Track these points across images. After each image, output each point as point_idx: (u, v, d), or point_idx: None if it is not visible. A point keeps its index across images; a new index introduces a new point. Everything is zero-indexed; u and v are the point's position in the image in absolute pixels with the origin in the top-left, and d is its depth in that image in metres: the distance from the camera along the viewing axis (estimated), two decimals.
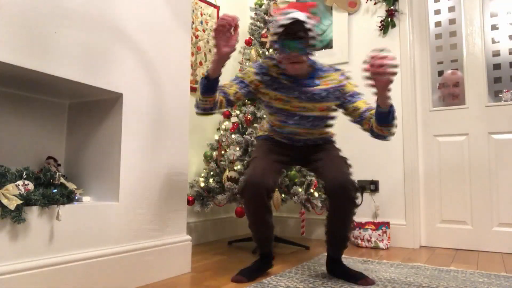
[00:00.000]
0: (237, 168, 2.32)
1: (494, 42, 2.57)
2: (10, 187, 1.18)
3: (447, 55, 2.71)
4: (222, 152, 2.48)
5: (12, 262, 1.18)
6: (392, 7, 2.74)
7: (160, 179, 1.75)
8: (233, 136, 2.44)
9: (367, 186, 2.76)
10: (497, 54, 2.55)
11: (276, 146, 1.80)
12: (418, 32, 2.79)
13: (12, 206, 1.15)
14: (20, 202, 1.18)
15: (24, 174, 1.29)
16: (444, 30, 2.73)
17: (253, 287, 1.55)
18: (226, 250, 2.42)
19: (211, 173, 2.45)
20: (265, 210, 1.64)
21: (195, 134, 2.77)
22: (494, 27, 2.57)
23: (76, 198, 1.44)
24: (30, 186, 1.28)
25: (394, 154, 2.71)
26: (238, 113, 2.55)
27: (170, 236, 1.78)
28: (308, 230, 2.95)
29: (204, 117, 1.72)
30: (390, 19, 2.76)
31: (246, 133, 2.43)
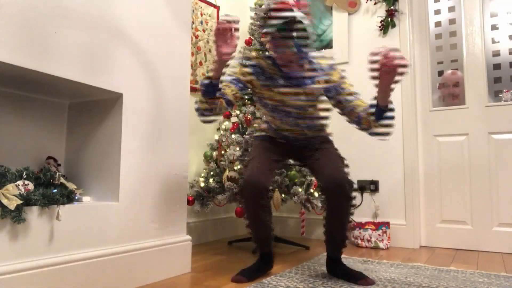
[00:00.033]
0: (237, 168, 2.32)
1: (494, 42, 2.56)
2: (10, 187, 1.18)
3: (447, 55, 2.71)
4: (222, 152, 2.48)
5: (12, 262, 1.18)
6: (392, 7, 2.74)
7: (160, 179, 1.75)
8: (233, 136, 2.44)
9: (367, 186, 2.76)
10: (497, 54, 2.55)
11: (273, 145, 1.81)
12: (418, 32, 2.79)
13: (12, 206, 1.15)
14: (20, 202, 1.18)
15: (24, 174, 1.29)
16: (444, 30, 2.73)
17: (253, 287, 1.55)
18: (226, 250, 2.42)
19: (211, 173, 2.45)
20: (263, 210, 1.64)
21: (195, 134, 2.77)
22: (494, 27, 2.57)
23: (76, 198, 1.44)
24: (30, 186, 1.28)
25: (394, 154, 2.71)
26: (238, 113, 2.55)
27: (170, 236, 1.78)
28: (308, 230, 2.95)
29: (207, 123, 1.72)
30: (390, 19, 2.76)
31: (246, 133, 2.43)
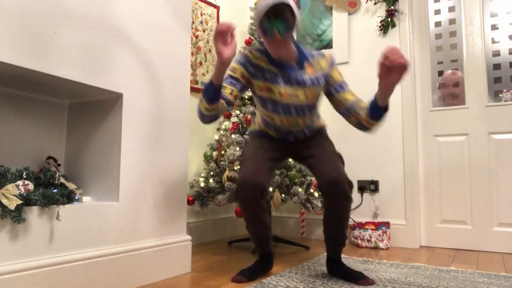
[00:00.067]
0: (237, 168, 2.32)
1: (494, 42, 2.56)
2: (10, 187, 1.18)
3: (447, 55, 2.71)
4: (222, 152, 2.48)
5: (12, 262, 1.18)
6: (392, 7, 2.74)
7: (160, 179, 1.75)
8: (233, 136, 2.44)
9: (367, 186, 2.76)
10: (497, 54, 2.55)
11: (267, 142, 1.80)
12: (418, 32, 2.79)
13: (12, 206, 1.15)
14: (20, 202, 1.18)
15: (24, 174, 1.29)
16: (444, 30, 2.73)
17: (253, 287, 1.55)
18: (226, 250, 2.42)
19: (211, 173, 2.45)
20: (260, 210, 1.63)
21: (195, 134, 2.77)
22: (494, 27, 2.57)
23: (76, 198, 1.44)
24: (30, 186, 1.28)
25: (394, 154, 2.71)
26: (238, 113, 2.55)
27: (170, 236, 1.78)
28: (308, 230, 2.95)
29: (207, 124, 1.73)
30: (390, 19, 2.76)
31: (246, 133, 2.43)
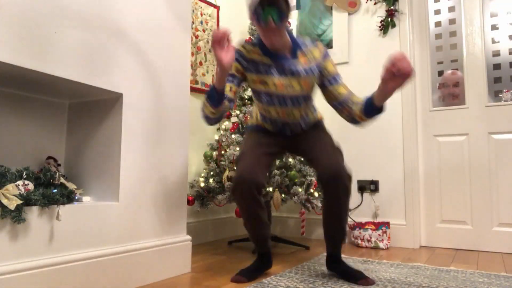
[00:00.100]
0: None
1: (494, 42, 2.56)
2: (10, 187, 1.18)
3: (447, 55, 2.71)
4: (222, 152, 2.48)
5: (12, 262, 1.18)
6: (392, 7, 2.74)
7: (160, 179, 1.75)
8: (233, 136, 2.44)
9: (367, 186, 2.76)
10: (497, 54, 2.55)
11: (264, 137, 1.80)
12: (418, 32, 2.79)
13: (12, 206, 1.15)
14: (20, 202, 1.18)
15: (24, 174, 1.29)
16: (444, 30, 2.73)
17: (253, 287, 1.55)
18: (226, 250, 2.42)
19: (211, 173, 2.45)
20: (257, 206, 1.64)
21: (195, 134, 2.77)
22: (494, 27, 2.57)
23: (76, 198, 1.44)
24: (30, 186, 1.28)
25: (394, 154, 2.71)
26: (238, 113, 2.55)
27: (170, 236, 1.78)
28: (308, 230, 2.95)
29: (214, 125, 1.74)
30: (390, 19, 2.76)
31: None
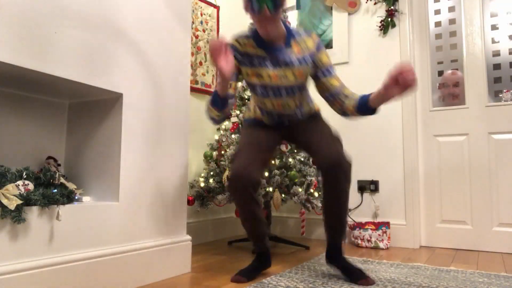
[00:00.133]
0: None
1: (494, 42, 2.56)
2: (10, 187, 1.18)
3: (447, 55, 2.71)
4: (222, 152, 2.48)
5: (12, 262, 1.18)
6: (392, 7, 2.74)
7: (160, 179, 1.75)
8: (233, 136, 2.44)
9: (367, 186, 2.76)
10: (497, 54, 2.55)
11: (262, 130, 1.79)
12: (418, 32, 2.79)
13: (12, 206, 1.15)
14: (20, 202, 1.18)
15: (24, 174, 1.29)
16: (444, 30, 2.73)
17: (253, 287, 1.55)
18: (226, 250, 2.42)
19: (211, 173, 2.45)
20: (253, 204, 1.64)
21: (195, 134, 2.77)
22: (494, 27, 2.57)
23: (76, 198, 1.44)
24: (30, 186, 1.28)
25: (394, 154, 2.71)
26: (238, 113, 2.55)
27: (170, 236, 1.78)
28: (308, 230, 2.95)
29: (220, 124, 1.76)
30: (390, 19, 2.76)
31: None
